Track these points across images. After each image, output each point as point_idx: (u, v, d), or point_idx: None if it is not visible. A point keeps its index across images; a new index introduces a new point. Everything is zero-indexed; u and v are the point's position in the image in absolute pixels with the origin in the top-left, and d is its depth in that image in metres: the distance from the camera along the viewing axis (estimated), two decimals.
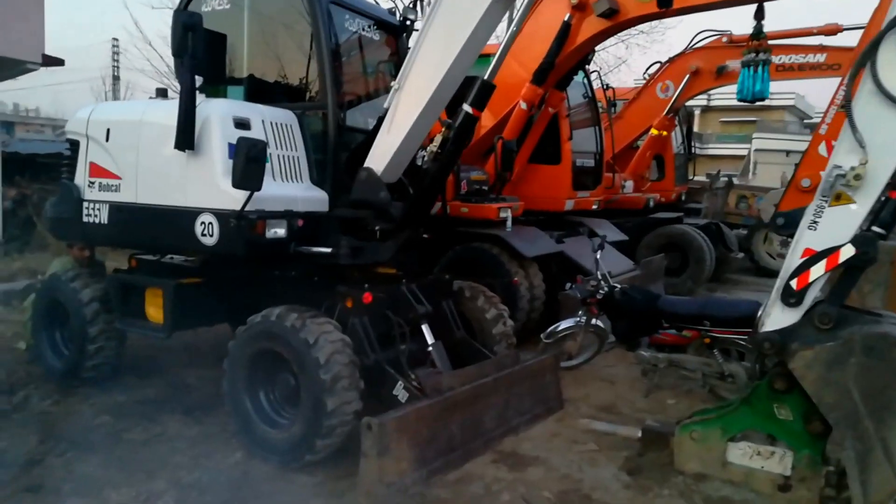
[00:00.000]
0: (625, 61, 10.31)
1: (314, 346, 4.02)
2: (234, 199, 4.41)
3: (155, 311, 4.96)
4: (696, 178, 15.05)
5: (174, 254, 5.33)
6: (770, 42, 11.30)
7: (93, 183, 5.24)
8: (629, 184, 11.47)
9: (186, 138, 4.54)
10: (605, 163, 9.68)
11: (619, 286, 5.84)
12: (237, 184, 4.24)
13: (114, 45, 28.26)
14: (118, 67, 28.03)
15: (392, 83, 4.81)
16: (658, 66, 12.03)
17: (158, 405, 5.19)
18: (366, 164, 4.87)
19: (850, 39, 10.23)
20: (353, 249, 4.73)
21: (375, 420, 3.64)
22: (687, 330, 5.55)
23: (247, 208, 4.36)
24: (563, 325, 6.27)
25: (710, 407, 4.45)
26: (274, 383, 4.43)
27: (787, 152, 31.71)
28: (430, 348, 4.80)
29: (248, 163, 4.21)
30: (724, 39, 11.49)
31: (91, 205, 5.22)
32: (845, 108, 3.50)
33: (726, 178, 16.03)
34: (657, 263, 9.03)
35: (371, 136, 5.01)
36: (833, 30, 10.56)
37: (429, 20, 4.53)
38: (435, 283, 5.32)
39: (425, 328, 4.85)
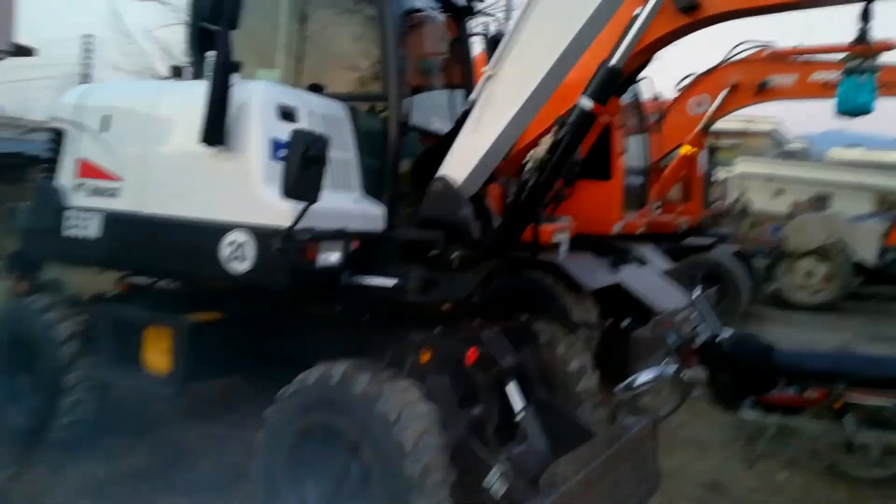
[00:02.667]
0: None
1: (397, 424, 2.88)
2: (277, 212, 3.31)
3: (158, 357, 3.75)
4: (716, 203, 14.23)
5: (189, 281, 4.12)
6: (812, 58, 10.68)
7: (81, 185, 4.04)
8: (657, 206, 10.54)
9: (216, 130, 3.42)
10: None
11: (727, 332, 4.81)
12: (289, 192, 3.13)
13: (86, 42, 26.43)
14: (90, 65, 26.13)
15: (485, 71, 3.77)
16: (691, 78, 11.17)
17: (152, 481, 3.94)
18: (441, 173, 3.80)
19: None
20: (425, 282, 3.63)
21: None
22: (813, 390, 4.56)
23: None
24: (645, 376, 5.19)
25: None
26: (329, 470, 3.25)
27: (771, 177, 31.84)
28: (520, 416, 3.69)
29: (306, 165, 3.11)
30: (766, 52, 10.69)
31: (78, 214, 4.02)
32: None
33: (744, 204, 15.29)
34: (711, 297, 8.05)
35: (448, 137, 3.96)
36: (888, 46, 9.77)
37: None
38: (516, 327, 4.23)
39: (512, 388, 3.74)
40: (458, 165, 3.77)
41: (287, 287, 3.38)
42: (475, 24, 5.16)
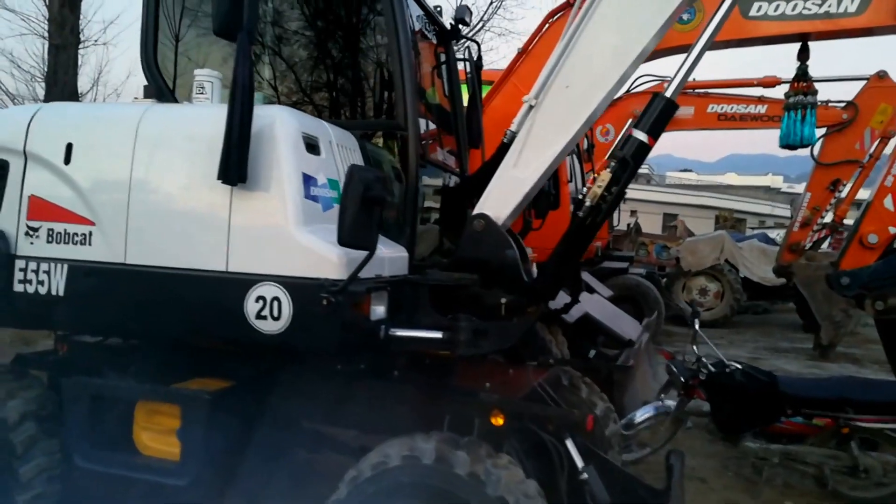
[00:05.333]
0: None
1: None
2: (323, 261, 2.82)
3: (161, 439, 3.05)
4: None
5: (198, 345, 3.39)
6: (711, 91, 11.42)
7: (35, 230, 3.25)
8: None
9: (239, 165, 2.84)
10: None
11: (735, 364, 4.78)
12: (347, 239, 2.65)
13: None
14: None
15: (526, 101, 3.48)
16: None
17: None
18: (479, 210, 3.44)
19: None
20: (476, 333, 3.22)
21: None
22: (819, 418, 4.62)
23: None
24: (644, 412, 5.09)
25: None
26: None
27: (626, 200, 33.80)
28: (584, 475, 3.35)
29: (366, 208, 2.65)
30: (665, 85, 11.21)
31: (32, 265, 3.23)
32: None
33: (637, 226, 15.96)
34: (653, 323, 8.19)
35: (483, 171, 3.63)
36: (772, 82, 10.57)
37: (593, 5, 3.27)
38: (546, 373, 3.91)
39: (571, 445, 3.41)
40: (498, 203, 3.42)
41: (337, 347, 2.86)
42: (459, 49, 4.88)
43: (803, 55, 6.39)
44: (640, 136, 3.32)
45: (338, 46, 3.98)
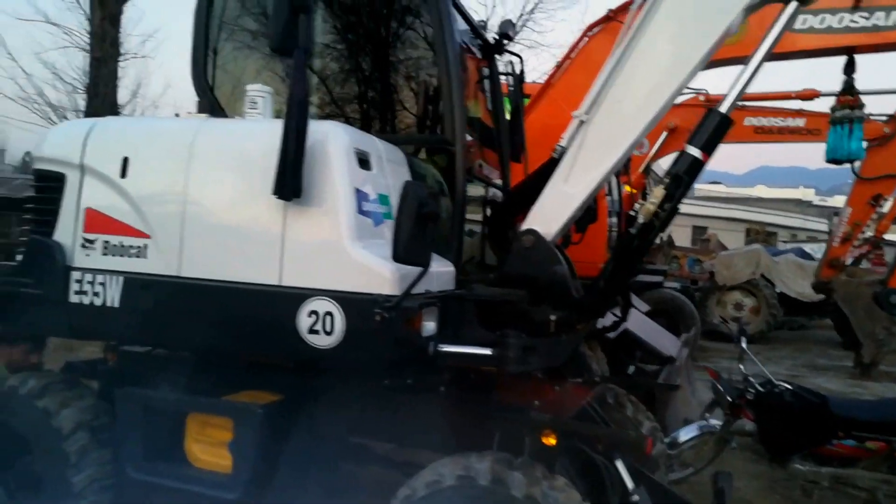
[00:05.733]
0: None
1: None
2: (376, 277, 2.82)
3: (212, 451, 3.07)
4: None
5: (250, 358, 3.41)
6: (747, 104, 11.26)
7: (91, 242, 3.31)
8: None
9: (294, 181, 2.86)
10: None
11: (784, 384, 4.68)
12: (402, 255, 2.67)
13: None
14: None
15: (576, 116, 3.44)
16: None
17: None
18: (528, 225, 3.42)
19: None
20: (525, 349, 3.19)
21: None
22: (872, 441, 4.49)
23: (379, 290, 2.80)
24: (689, 431, 5.00)
25: None
26: None
27: None
28: (635, 497, 3.30)
29: (422, 223, 2.66)
30: (701, 98, 11.12)
31: (88, 276, 3.29)
32: None
33: (669, 239, 15.78)
34: (691, 339, 8.06)
35: (527, 185, 3.62)
36: (811, 94, 10.39)
37: (650, 14, 3.24)
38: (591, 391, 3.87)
39: (621, 465, 3.36)
40: (547, 218, 3.40)
41: (389, 362, 2.86)
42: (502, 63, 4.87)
43: (849, 69, 6.28)
44: (694, 151, 3.29)
45: (386, 61, 4.00)
